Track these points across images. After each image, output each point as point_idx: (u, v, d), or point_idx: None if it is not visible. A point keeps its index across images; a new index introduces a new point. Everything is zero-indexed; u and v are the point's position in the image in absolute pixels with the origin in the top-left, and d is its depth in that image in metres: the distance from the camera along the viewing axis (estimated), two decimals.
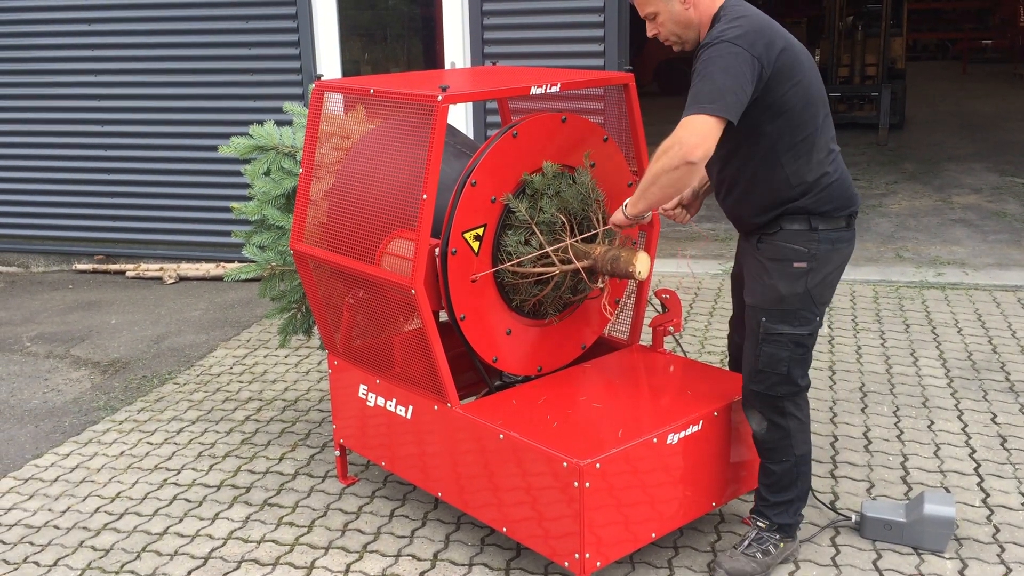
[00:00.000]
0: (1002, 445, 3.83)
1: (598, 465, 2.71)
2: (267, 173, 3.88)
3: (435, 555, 3.23)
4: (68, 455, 4.09)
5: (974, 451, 3.78)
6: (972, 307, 5.42)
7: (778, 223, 2.87)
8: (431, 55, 6.82)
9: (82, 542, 3.40)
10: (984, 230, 7.10)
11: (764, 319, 2.89)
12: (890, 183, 8.85)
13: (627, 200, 2.97)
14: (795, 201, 2.83)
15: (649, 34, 2.95)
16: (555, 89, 3.13)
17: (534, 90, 3.08)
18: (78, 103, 6.87)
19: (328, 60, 6.41)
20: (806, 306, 2.87)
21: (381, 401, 3.35)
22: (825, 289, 2.91)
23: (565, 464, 2.72)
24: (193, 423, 4.35)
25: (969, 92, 15.30)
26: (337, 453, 3.69)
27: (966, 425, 4.00)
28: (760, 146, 2.81)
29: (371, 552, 3.26)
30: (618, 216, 3.02)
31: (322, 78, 3.41)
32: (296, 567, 3.19)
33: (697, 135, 2.62)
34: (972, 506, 3.39)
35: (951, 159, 9.89)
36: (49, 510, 3.64)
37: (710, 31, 2.78)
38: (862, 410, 4.17)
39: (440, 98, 2.85)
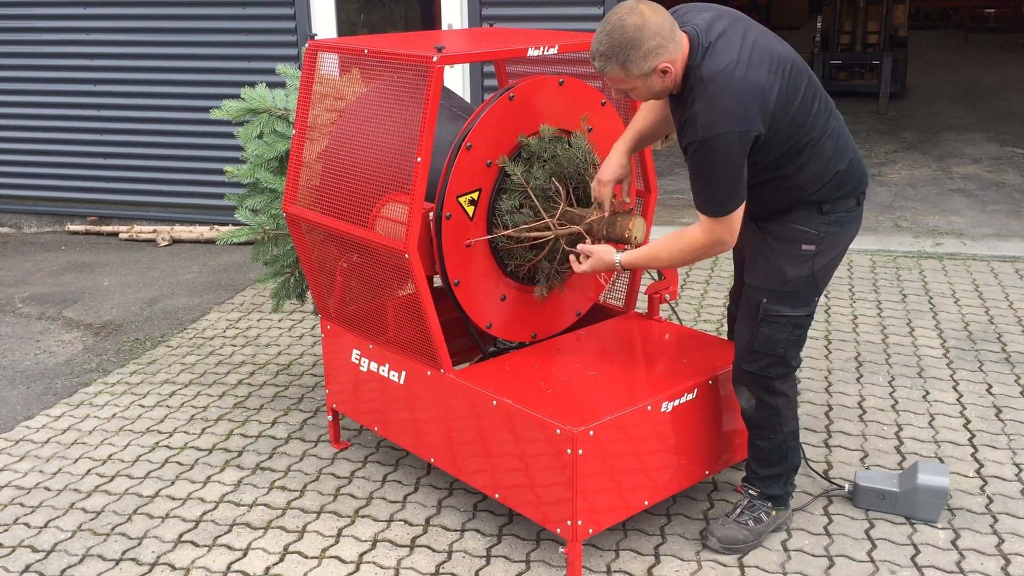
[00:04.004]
0: (997, 416, 3.82)
1: (591, 432, 2.70)
2: (260, 136, 3.83)
3: (427, 520, 3.23)
4: (60, 417, 4.07)
5: (969, 422, 3.78)
6: (970, 278, 5.40)
7: (788, 208, 2.80)
8: (428, 17, 6.73)
9: (73, 504, 3.39)
10: (983, 200, 7.06)
11: (765, 300, 2.84)
12: (889, 152, 8.79)
13: (623, 255, 2.91)
14: (809, 196, 2.77)
15: (615, 97, 2.83)
16: (553, 51, 3.08)
17: (531, 52, 3.03)
18: (70, 62, 6.78)
19: (323, 22, 6.33)
20: (809, 288, 2.83)
21: (374, 366, 3.33)
22: (829, 270, 2.87)
23: (558, 431, 2.70)
24: (186, 386, 4.33)
25: (970, 61, 15.19)
26: (330, 418, 3.67)
27: (961, 396, 3.99)
28: (766, 171, 2.72)
29: (363, 517, 3.26)
30: (605, 260, 2.95)
31: (316, 37, 3.35)
32: (288, 531, 3.19)
33: (731, 231, 2.70)
34: (966, 476, 3.39)
35: (951, 129, 9.83)
36: (40, 471, 3.62)
37: (688, 108, 2.61)
38: (857, 380, 4.16)
39: (435, 59, 2.80)
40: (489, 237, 3.09)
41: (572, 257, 3.04)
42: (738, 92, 2.55)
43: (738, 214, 2.69)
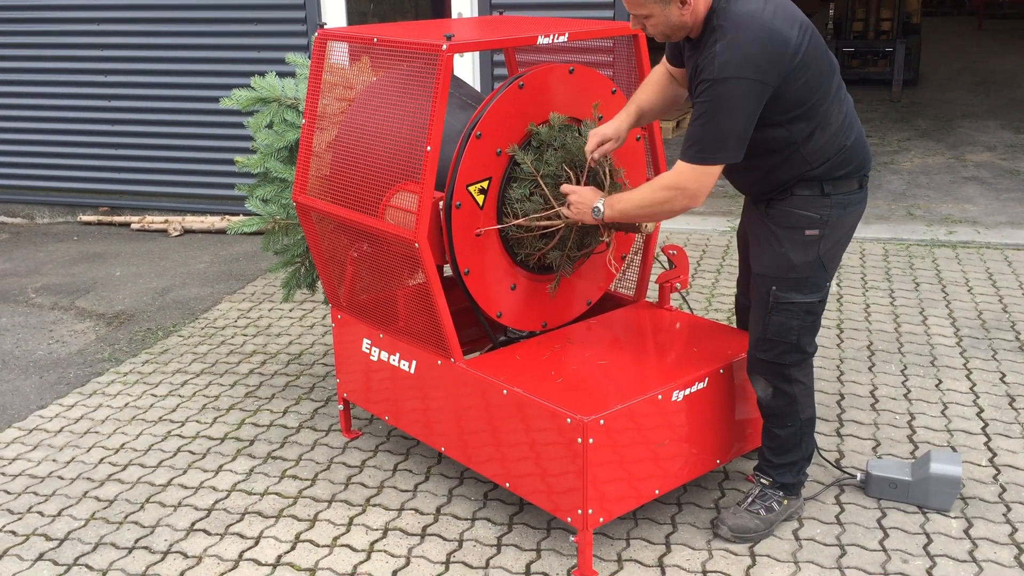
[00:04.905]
0: (1010, 405, 3.80)
1: (602, 421, 2.69)
2: (270, 125, 3.83)
3: (438, 509, 3.23)
4: (73, 406, 4.09)
5: (982, 410, 3.76)
6: (983, 266, 5.36)
7: (789, 189, 2.80)
8: (439, 6, 6.71)
9: (86, 493, 3.41)
10: (997, 188, 7.02)
11: (774, 288, 2.83)
12: (903, 140, 8.74)
13: (603, 200, 2.85)
14: (812, 171, 2.76)
15: (632, 27, 2.79)
16: (562, 39, 3.06)
17: (541, 40, 3.01)
18: (81, 52, 6.79)
19: (333, 11, 6.32)
20: (817, 273, 2.81)
21: (385, 356, 3.33)
22: (836, 254, 2.85)
23: (569, 420, 2.70)
24: (197, 376, 4.34)
25: (985, 48, 15.07)
26: (341, 407, 3.68)
27: (974, 384, 3.97)
28: (776, 139, 2.71)
29: (374, 506, 3.27)
30: (585, 213, 2.89)
31: (325, 26, 3.34)
32: (299, 520, 3.20)
33: (701, 185, 2.65)
34: (979, 465, 3.38)
35: (965, 116, 9.76)
36: (53, 461, 3.65)
37: (707, 48, 2.60)
38: (870, 368, 4.14)
39: (445, 47, 2.79)
40: (499, 227, 3.08)
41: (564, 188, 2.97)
42: (761, 40, 2.55)
43: (716, 171, 2.64)
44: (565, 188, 2.95)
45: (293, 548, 3.06)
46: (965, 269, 5.32)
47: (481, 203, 3.02)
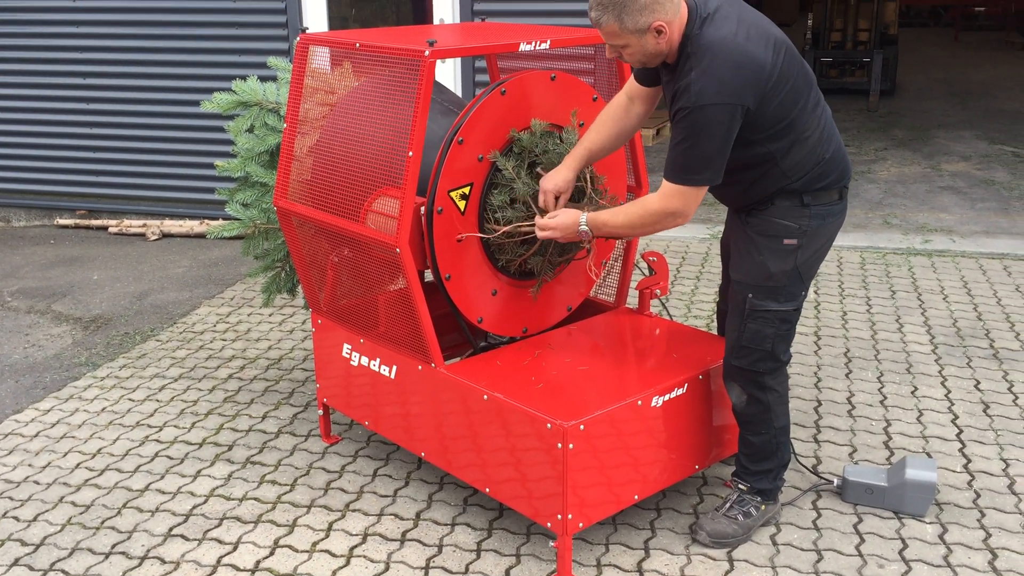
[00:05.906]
0: (984, 412, 3.84)
1: (582, 427, 2.70)
2: (250, 130, 3.82)
3: (418, 514, 3.23)
4: (49, 411, 4.06)
5: (957, 417, 3.80)
6: (958, 274, 5.42)
7: (770, 200, 2.82)
8: (420, 13, 6.73)
9: (62, 498, 3.39)
10: (972, 198, 7.09)
11: (751, 295, 2.85)
12: (879, 149, 8.82)
13: (588, 215, 2.87)
14: (791, 184, 2.78)
15: (609, 56, 2.78)
16: (544, 46, 3.08)
17: (523, 47, 3.03)
18: (60, 55, 6.75)
19: (315, 16, 6.32)
20: (794, 282, 2.84)
21: (365, 361, 3.33)
22: (814, 264, 2.88)
23: (549, 425, 2.71)
24: (175, 381, 4.32)
25: (961, 59, 15.24)
26: (320, 412, 3.67)
27: (949, 391, 4.02)
28: (754, 156, 2.73)
29: (353, 511, 3.26)
30: (570, 224, 2.90)
31: (307, 31, 3.34)
32: (278, 525, 3.19)
33: (688, 206, 2.72)
34: (954, 471, 3.41)
35: (941, 126, 9.87)
36: (29, 466, 3.61)
37: (683, 76, 2.61)
38: (846, 375, 4.18)
39: (427, 53, 2.80)
40: (481, 236, 3.09)
41: (537, 223, 2.97)
42: (736, 63, 2.57)
43: (701, 192, 2.70)
44: (540, 223, 2.96)
45: (272, 553, 3.04)
46: (940, 277, 5.38)
47: (463, 209, 3.03)
